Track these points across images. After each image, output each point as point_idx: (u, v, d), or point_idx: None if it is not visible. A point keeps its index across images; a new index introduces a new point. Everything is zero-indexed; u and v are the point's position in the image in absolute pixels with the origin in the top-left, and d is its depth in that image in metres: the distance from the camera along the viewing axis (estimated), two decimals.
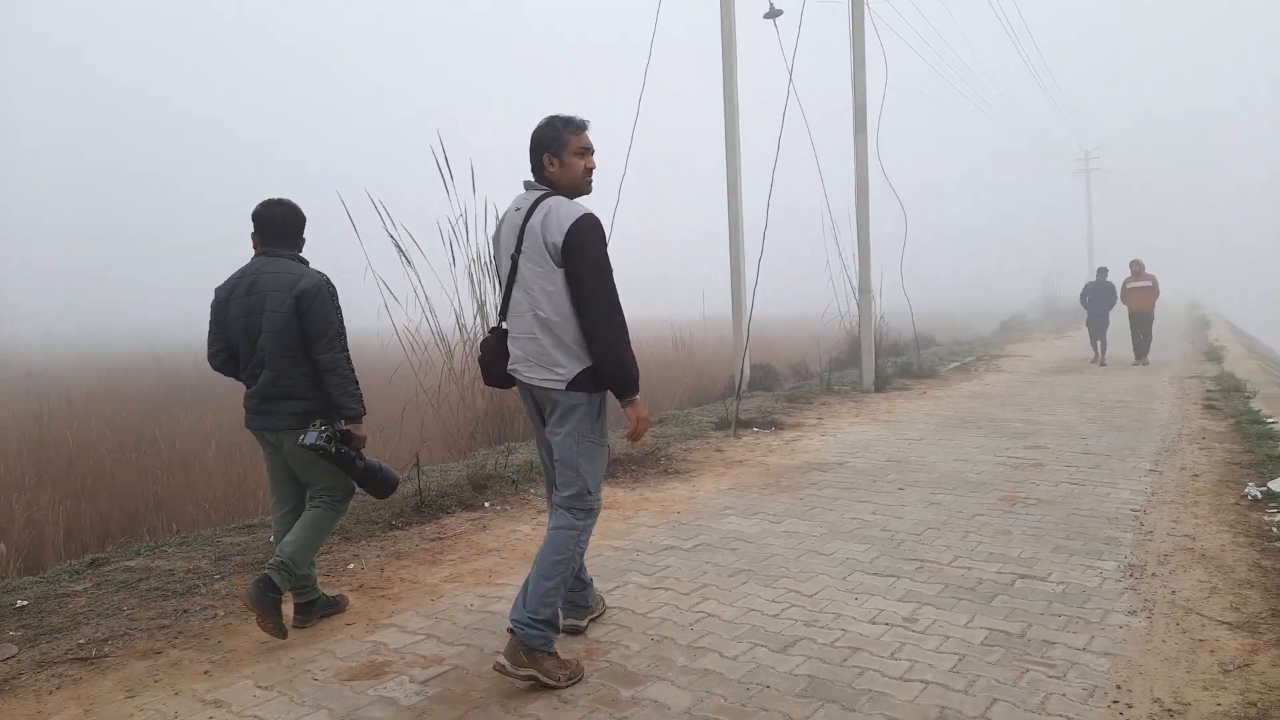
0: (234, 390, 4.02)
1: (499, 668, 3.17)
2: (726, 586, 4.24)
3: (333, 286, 3.76)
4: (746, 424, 9.24)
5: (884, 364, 14.95)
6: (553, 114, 3.40)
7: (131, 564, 4.74)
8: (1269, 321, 38.75)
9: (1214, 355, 16.53)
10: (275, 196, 3.87)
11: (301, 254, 3.89)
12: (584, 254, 3.20)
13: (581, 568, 3.62)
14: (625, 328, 3.30)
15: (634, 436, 3.40)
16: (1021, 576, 4.31)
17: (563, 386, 3.27)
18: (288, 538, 3.68)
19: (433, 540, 5.15)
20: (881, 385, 12.54)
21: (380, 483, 3.90)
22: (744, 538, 5.09)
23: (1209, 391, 11.29)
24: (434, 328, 10.05)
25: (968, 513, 5.57)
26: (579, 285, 3.21)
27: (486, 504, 5.98)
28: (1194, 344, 20.38)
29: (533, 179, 3.42)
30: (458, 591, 4.27)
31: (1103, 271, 16.58)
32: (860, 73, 12.17)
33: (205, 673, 3.39)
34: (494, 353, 3.46)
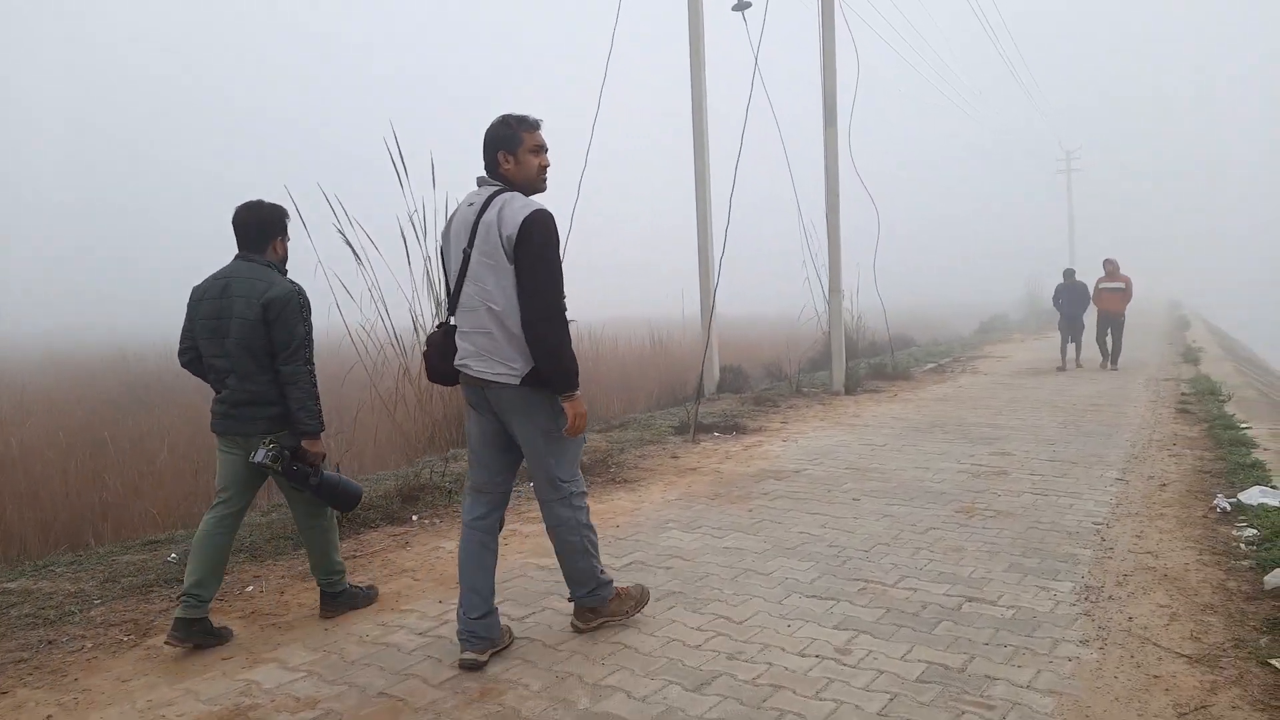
0: (200, 392, 3.73)
1: (575, 628, 3.68)
2: (651, 612, 3.90)
3: (304, 298, 3.72)
4: (708, 428, 8.93)
5: (857, 365, 14.68)
6: (506, 113, 3.41)
7: (12, 585, 4.37)
8: (1250, 322, 38.80)
9: (1191, 357, 16.33)
10: (252, 199, 3.85)
11: (282, 250, 3.85)
12: (533, 248, 3.21)
13: (491, 591, 3.50)
14: (565, 324, 3.30)
15: (572, 431, 3.37)
16: (970, 599, 4.00)
17: (516, 381, 3.28)
18: (311, 560, 3.92)
19: (346, 559, 4.78)
20: (852, 388, 12.25)
21: (340, 496, 3.89)
22: (682, 555, 4.77)
23: (1183, 395, 11.06)
24: (390, 328, 9.65)
25: (922, 526, 5.27)
26: (524, 278, 3.22)
27: (414, 517, 5.63)
28: (1172, 345, 20.21)
29: (486, 175, 3.41)
30: (357, 619, 3.92)
31: (1070, 273, 15.75)
32: (830, 65, 11.86)
33: (48, 717, 3.03)
34: (440, 348, 3.47)
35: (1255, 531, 4.85)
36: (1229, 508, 5.40)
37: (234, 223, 3.78)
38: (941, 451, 7.63)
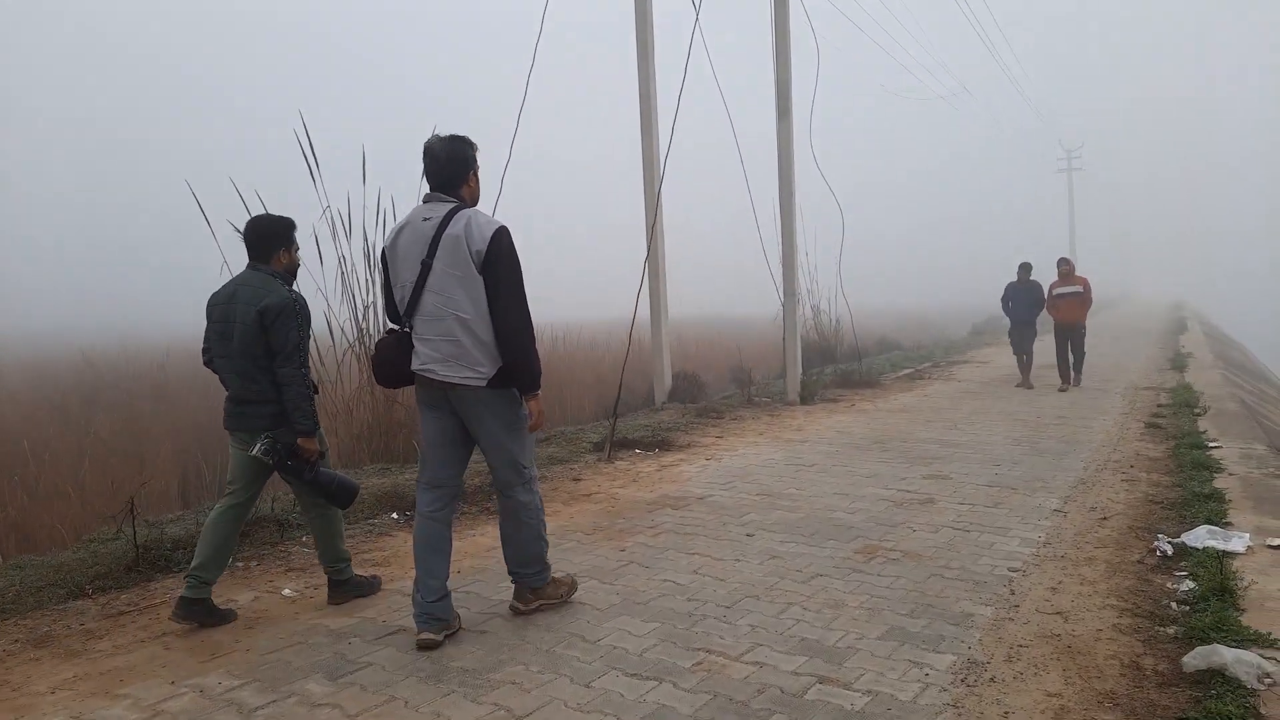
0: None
1: (513, 609, 3.91)
2: (423, 699, 3.17)
3: (300, 305, 3.92)
4: (631, 444, 8.19)
5: (821, 373, 13.93)
6: (464, 135, 3.70)
7: None
8: (1254, 324, 37.85)
9: (1179, 363, 15.51)
10: (261, 213, 4.24)
11: (287, 260, 4.06)
12: (502, 263, 3.50)
13: (446, 576, 3.74)
14: (532, 330, 3.62)
15: (535, 427, 3.75)
16: (821, 680, 3.26)
17: (483, 384, 3.55)
18: (319, 549, 4.16)
19: (110, 616, 4.07)
20: (809, 397, 11.49)
21: (336, 492, 4.06)
22: (507, 613, 4.03)
23: (1159, 406, 10.27)
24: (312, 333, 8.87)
25: (809, 571, 4.52)
26: (495, 291, 3.50)
27: (230, 559, 4.89)
28: (1163, 350, 19.38)
29: (435, 189, 3.66)
30: (54, 707, 3.19)
31: (1025, 268, 13.01)
32: (784, 50, 11.11)
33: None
34: (395, 353, 3.67)
35: (1193, 585, 4.09)
36: (1170, 550, 4.65)
37: (244, 234, 4.05)
38: (872, 474, 6.87)
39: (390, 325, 3.82)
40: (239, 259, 4.18)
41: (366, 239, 9.01)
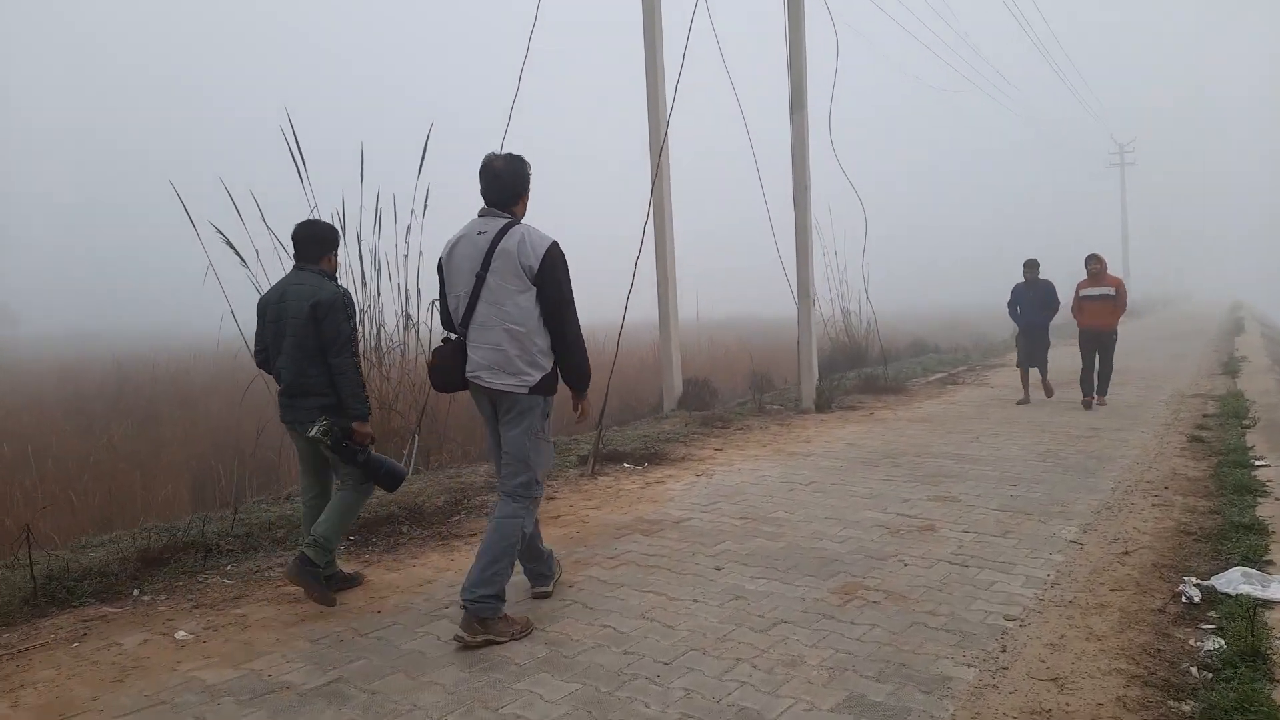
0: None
1: (458, 639, 3.65)
2: None
3: (349, 299, 4.21)
4: (619, 458, 7.65)
5: (844, 378, 13.26)
6: (521, 154, 3.90)
7: None
8: None
9: (1231, 368, 14.52)
10: (309, 218, 4.56)
11: (333, 264, 4.38)
12: (555, 276, 3.72)
13: (537, 536, 4.09)
14: (582, 337, 3.87)
15: (582, 419, 4.18)
16: None
17: (525, 390, 3.74)
18: (320, 519, 4.17)
19: None
20: (825, 404, 10.84)
21: (385, 477, 4.29)
22: (409, 668, 3.52)
23: (1205, 416, 9.46)
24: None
25: (772, 616, 3.95)
26: (549, 303, 3.71)
27: (138, 592, 4.46)
28: (1217, 353, 18.31)
29: (491, 205, 3.81)
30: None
31: (1032, 266, 11.10)
32: (797, 41, 10.47)
33: None
34: (450, 359, 3.84)
35: (1220, 644, 3.44)
36: (1197, 596, 3.99)
37: (293, 237, 4.31)
38: (873, 495, 6.25)
39: (445, 333, 4.00)
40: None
41: (360, 241, 8.59)
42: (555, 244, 3.75)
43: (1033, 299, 10.97)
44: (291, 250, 4.39)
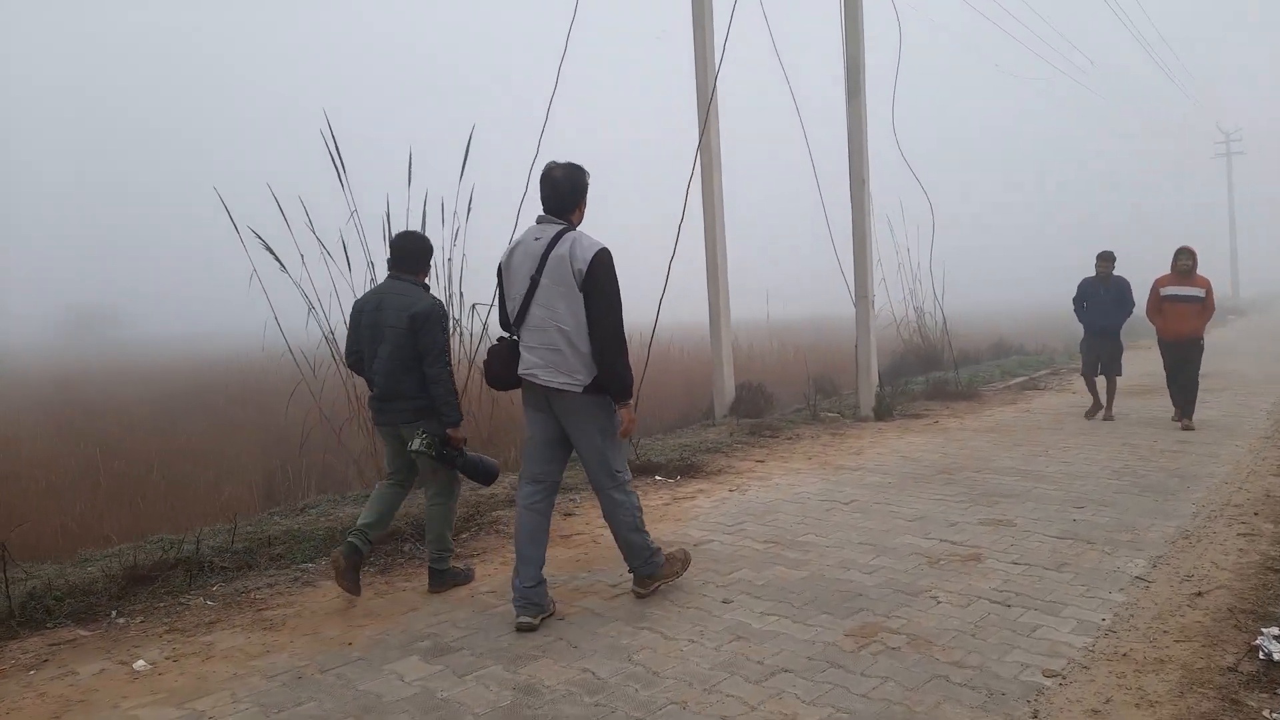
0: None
1: (637, 594, 4.23)
2: None
3: (444, 310, 4.38)
4: (652, 469, 7.25)
5: (909, 383, 12.58)
6: (579, 164, 4.05)
7: None
8: None
9: None
10: (406, 229, 4.90)
11: (426, 275, 4.57)
12: (599, 282, 3.82)
13: (542, 564, 4.07)
14: (625, 344, 3.91)
15: (624, 433, 4.06)
16: None
17: (580, 390, 3.87)
18: (427, 535, 4.51)
19: None
20: (885, 412, 10.21)
21: (481, 474, 4.54)
22: (372, 709, 3.20)
23: None
24: (334, 349, 8.26)
25: (773, 664, 3.50)
26: (592, 306, 3.82)
27: (115, 614, 4.26)
28: None
29: (549, 213, 4.00)
30: None
31: (1107, 259, 9.49)
32: (854, 25, 9.88)
33: None
34: (505, 359, 4.03)
35: None
36: (1276, 654, 3.38)
37: (393, 246, 4.53)
38: (918, 516, 5.70)
39: (501, 333, 4.16)
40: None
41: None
42: (605, 250, 3.88)
43: (1105, 298, 9.42)
44: (386, 256, 4.64)
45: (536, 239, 3.95)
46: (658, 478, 7.08)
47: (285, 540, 5.26)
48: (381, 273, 8.15)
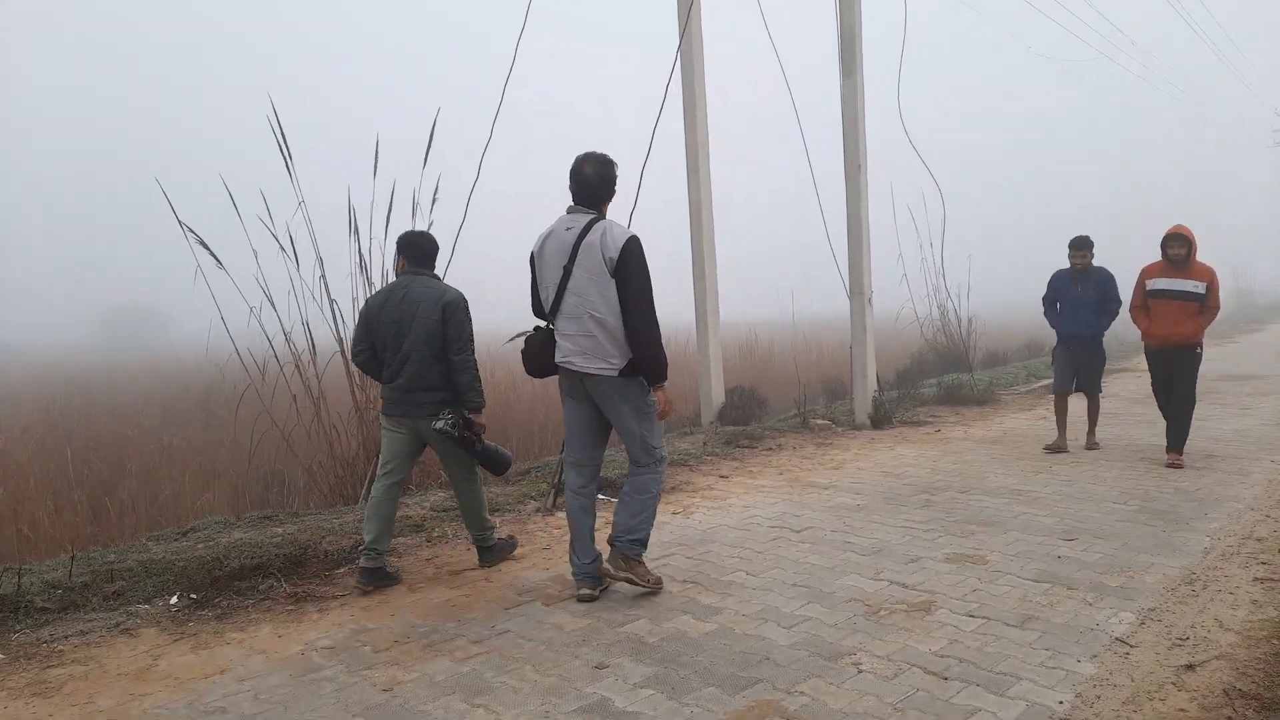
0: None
1: (604, 571, 4.18)
2: None
3: (466, 300, 4.53)
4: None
5: (918, 386, 11.65)
6: (609, 156, 4.15)
7: None
8: None
9: None
10: (417, 228, 5.27)
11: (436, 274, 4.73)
12: (631, 268, 3.96)
13: (594, 540, 4.25)
14: (658, 328, 4.07)
15: (664, 414, 4.21)
16: None
17: (615, 374, 4.03)
18: (467, 522, 4.77)
19: None
20: (883, 419, 9.31)
21: (495, 462, 4.67)
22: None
23: None
24: (298, 347, 7.58)
25: None
26: (625, 293, 3.96)
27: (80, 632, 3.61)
28: None
29: (580, 204, 4.11)
30: None
31: (1082, 245, 7.57)
32: None
33: None
34: (541, 347, 4.19)
35: None
36: None
37: (410, 245, 4.67)
38: (876, 549, 4.86)
39: (536, 323, 4.24)
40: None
41: (360, 237, 7.67)
42: (635, 238, 3.99)
43: (1082, 297, 7.54)
44: (394, 256, 4.84)
45: (568, 229, 4.04)
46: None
47: (135, 573, 4.59)
48: (379, 272, 7.57)
